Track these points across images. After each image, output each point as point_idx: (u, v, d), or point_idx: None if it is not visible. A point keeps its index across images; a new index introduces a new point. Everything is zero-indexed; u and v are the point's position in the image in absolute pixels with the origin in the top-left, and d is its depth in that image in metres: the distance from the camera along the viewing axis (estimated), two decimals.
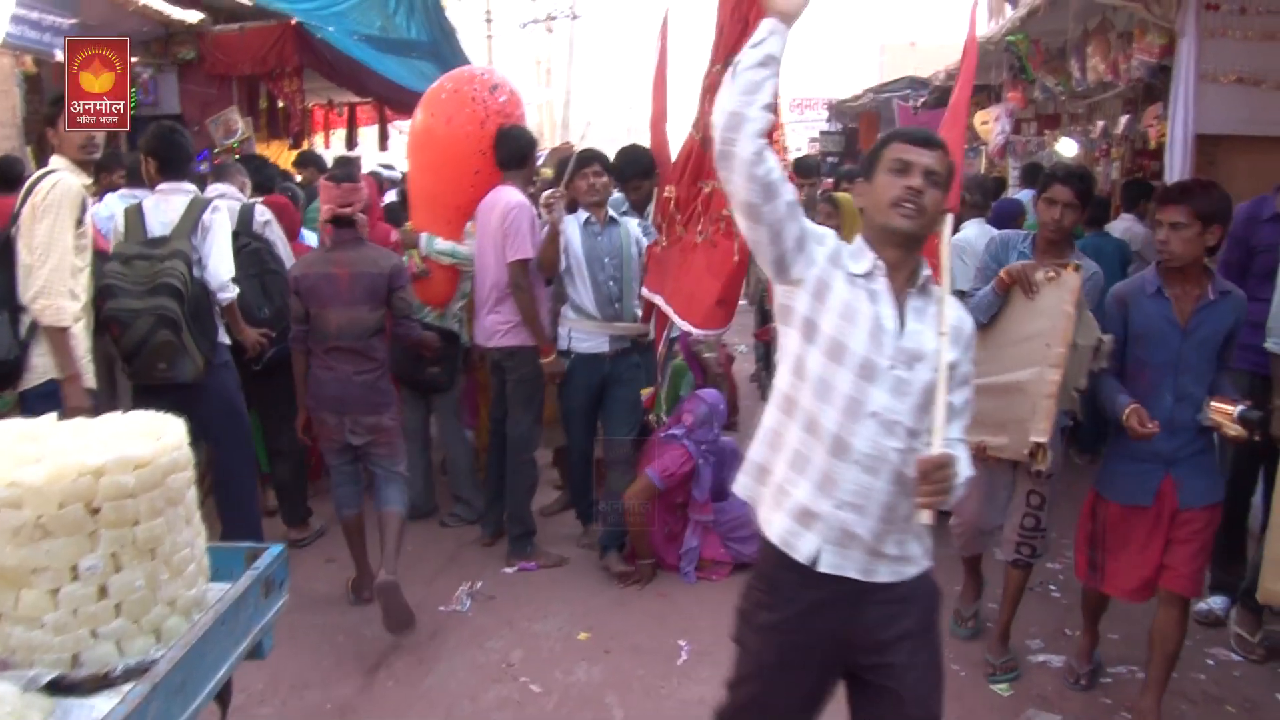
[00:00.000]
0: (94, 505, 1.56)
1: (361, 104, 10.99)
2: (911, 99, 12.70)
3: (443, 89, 4.84)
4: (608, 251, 4.41)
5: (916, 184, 1.96)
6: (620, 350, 4.45)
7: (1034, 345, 3.27)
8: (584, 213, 4.44)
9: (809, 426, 1.98)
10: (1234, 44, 5.29)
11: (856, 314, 1.95)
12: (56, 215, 3.39)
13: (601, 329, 4.40)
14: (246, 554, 2.05)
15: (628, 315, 4.47)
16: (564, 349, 4.43)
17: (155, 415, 1.83)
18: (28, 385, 3.45)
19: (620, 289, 4.43)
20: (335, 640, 3.85)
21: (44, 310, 3.35)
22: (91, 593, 1.56)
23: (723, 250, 4.02)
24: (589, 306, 4.39)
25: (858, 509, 1.96)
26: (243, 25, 8.79)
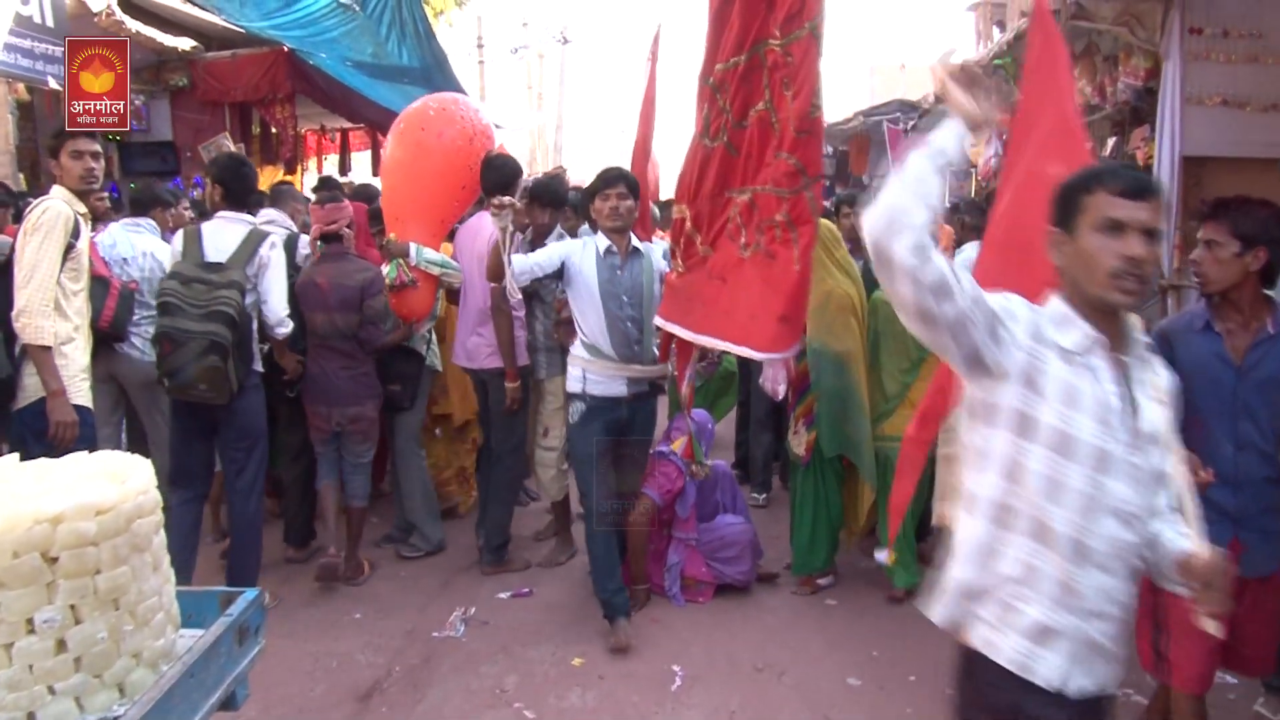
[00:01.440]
0: (51, 554, 1.52)
1: (354, 129, 11.04)
2: (902, 122, 12.74)
3: (429, 108, 4.95)
4: (627, 287, 3.98)
5: (1138, 253, 1.65)
6: (638, 394, 4.08)
7: None
8: (603, 239, 4.00)
9: (1037, 534, 1.73)
10: (1218, 67, 5.33)
11: (1080, 397, 1.70)
12: (44, 237, 3.52)
13: (618, 371, 3.99)
14: (220, 599, 2.00)
15: (647, 356, 4.07)
16: (576, 391, 4.03)
17: (122, 457, 1.79)
18: (22, 404, 3.60)
19: (640, 329, 4.00)
20: (329, 666, 3.84)
21: (24, 328, 3.47)
22: (49, 647, 1.51)
23: (781, 261, 3.53)
24: (604, 346, 3.97)
25: (1102, 616, 1.73)
26: (235, 52, 8.83)
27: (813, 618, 4.27)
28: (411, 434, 4.95)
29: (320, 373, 4.44)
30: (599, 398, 3.99)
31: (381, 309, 4.45)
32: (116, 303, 4.38)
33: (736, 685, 3.68)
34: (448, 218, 4.83)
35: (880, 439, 4.32)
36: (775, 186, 3.53)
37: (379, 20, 10.13)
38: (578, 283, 3.96)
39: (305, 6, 9.63)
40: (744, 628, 4.16)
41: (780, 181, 3.51)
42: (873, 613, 4.29)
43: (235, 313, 3.89)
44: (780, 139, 3.52)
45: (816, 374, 4.28)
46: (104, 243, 4.70)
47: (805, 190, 3.47)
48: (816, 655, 3.91)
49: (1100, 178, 1.72)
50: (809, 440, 4.33)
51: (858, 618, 4.23)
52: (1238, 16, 5.28)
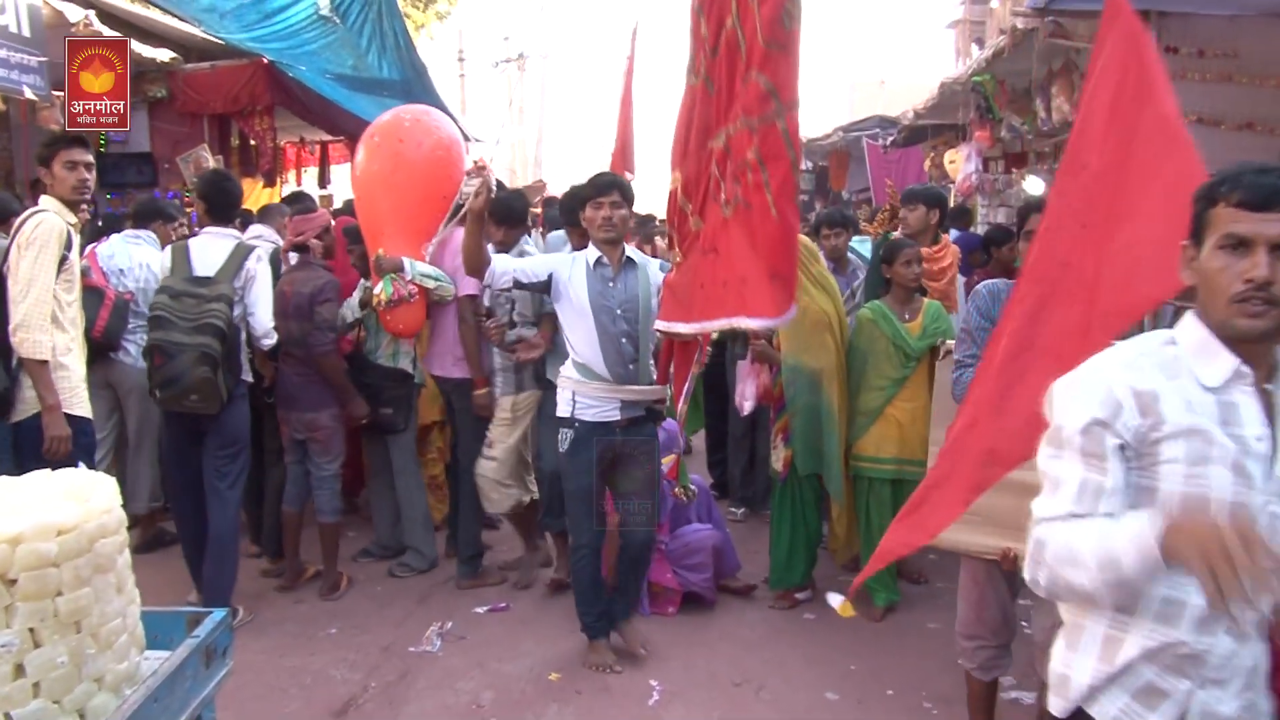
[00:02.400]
0: (9, 576, 1.48)
1: (334, 142, 11.00)
2: (881, 138, 12.83)
3: (402, 119, 4.88)
4: (621, 301, 3.69)
5: (1262, 274, 1.45)
6: (633, 419, 3.75)
7: None
8: (594, 251, 3.76)
9: (1163, 615, 1.55)
10: (1193, 86, 5.38)
11: (1210, 448, 1.49)
12: (39, 251, 3.55)
13: (611, 393, 3.68)
14: (187, 619, 1.96)
15: (644, 377, 3.75)
16: (565, 416, 3.73)
17: (85, 475, 1.76)
18: (20, 417, 3.64)
19: (636, 347, 3.71)
20: (303, 682, 3.81)
21: (22, 343, 3.50)
22: (6, 672, 1.47)
23: (758, 209, 2.97)
24: (596, 365, 3.67)
25: (1220, 684, 1.56)
26: (214, 64, 8.78)
27: (791, 632, 4.26)
28: (409, 453, 4.91)
29: (283, 378, 4.57)
30: (590, 423, 3.69)
31: (329, 317, 4.47)
32: (110, 313, 4.61)
33: (715, 700, 3.66)
34: (431, 227, 4.72)
35: (856, 458, 4.33)
36: (746, 117, 2.97)
37: (359, 33, 10.09)
38: (566, 297, 3.71)
39: (285, 19, 9.60)
40: (722, 642, 4.14)
41: (751, 108, 2.94)
42: (851, 627, 4.28)
43: (224, 325, 3.98)
44: (748, 57, 2.95)
45: (792, 391, 4.28)
46: (103, 253, 4.85)
47: (777, 119, 2.88)
48: (795, 670, 3.90)
49: (1221, 186, 1.52)
50: (786, 456, 4.33)
51: (836, 632, 4.22)
52: (1213, 37, 5.34)
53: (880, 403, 4.25)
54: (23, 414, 3.62)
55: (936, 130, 10.79)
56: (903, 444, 4.21)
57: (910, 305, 4.29)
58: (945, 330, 4.21)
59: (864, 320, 4.31)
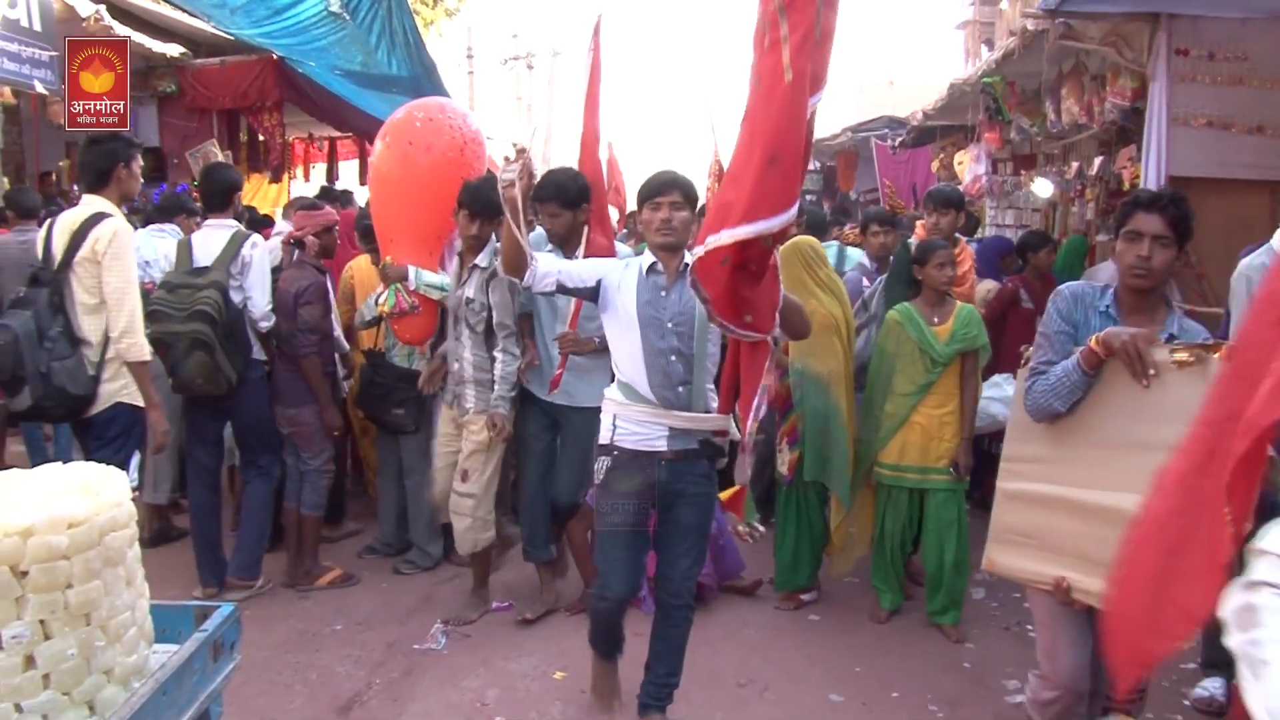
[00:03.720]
0: (21, 568, 1.49)
1: (342, 138, 11.03)
2: (889, 138, 12.81)
3: (414, 118, 4.71)
4: (674, 314, 3.14)
5: None
6: (684, 452, 3.17)
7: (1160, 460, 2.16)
8: (648, 256, 3.24)
9: None
10: (1204, 88, 5.37)
11: None
12: (126, 262, 3.77)
13: (657, 418, 3.14)
14: (195, 613, 1.97)
15: (697, 403, 3.16)
16: (605, 442, 3.22)
17: (96, 469, 1.76)
18: (93, 412, 3.80)
19: (688, 367, 3.14)
20: (308, 678, 3.81)
21: (130, 348, 3.75)
22: (17, 663, 1.48)
23: (769, 72, 2.58)
24: (639, 386, 3.15)
25: None
26: (223, 59, 8.82)
27: (795, 633, 4.25)
28: (420, 454, 4.87)
29: (275, 371, 4.58)
30: (630, 452, 3.16)
31: (310, 319, 4.45)
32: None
33: (719, 700, 3.66)
34: (444, 233, 4.61)
35: (878, 466, 4.26)
36: None
37: (369, 29, 10.13)
38: (614, 307, 3.20)
39: (295, 15, 9.63)
40: (726, 643, 4.14)
41: None
42: (855, 629, 4.28)
43: (214, 310, 4.10)
44: None
45: (800, 395, 4.26)
46: None
47: None
48: (799, 671, 3.89)
49: None
50: (792, 459, 4.32)
51: (840, 634, 4.22)
52: (1223, 39, 5.33)
53: (906, 411, 4.17)
54: (95, 409, 3.80)
55: (945, 131, 10.77)
56: (925, 452, 4.14)
57: (941, 308, 4.21)
58: (977, 336, 4.14)
59: (891, 322, 4.24)
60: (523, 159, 3.15)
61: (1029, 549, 2.62)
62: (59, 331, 3.68)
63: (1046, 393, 2.55)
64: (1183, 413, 2.10)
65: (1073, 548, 2.47)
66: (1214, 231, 4.91)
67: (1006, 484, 2.75)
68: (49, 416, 3.90)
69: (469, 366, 4.16)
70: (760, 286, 2.75)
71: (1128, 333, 2.43)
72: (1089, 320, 2.62)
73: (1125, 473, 2.36)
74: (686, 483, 3.18)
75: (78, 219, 3.77)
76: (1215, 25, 5.30)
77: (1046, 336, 2.69)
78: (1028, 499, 2.66)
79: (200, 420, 4.49)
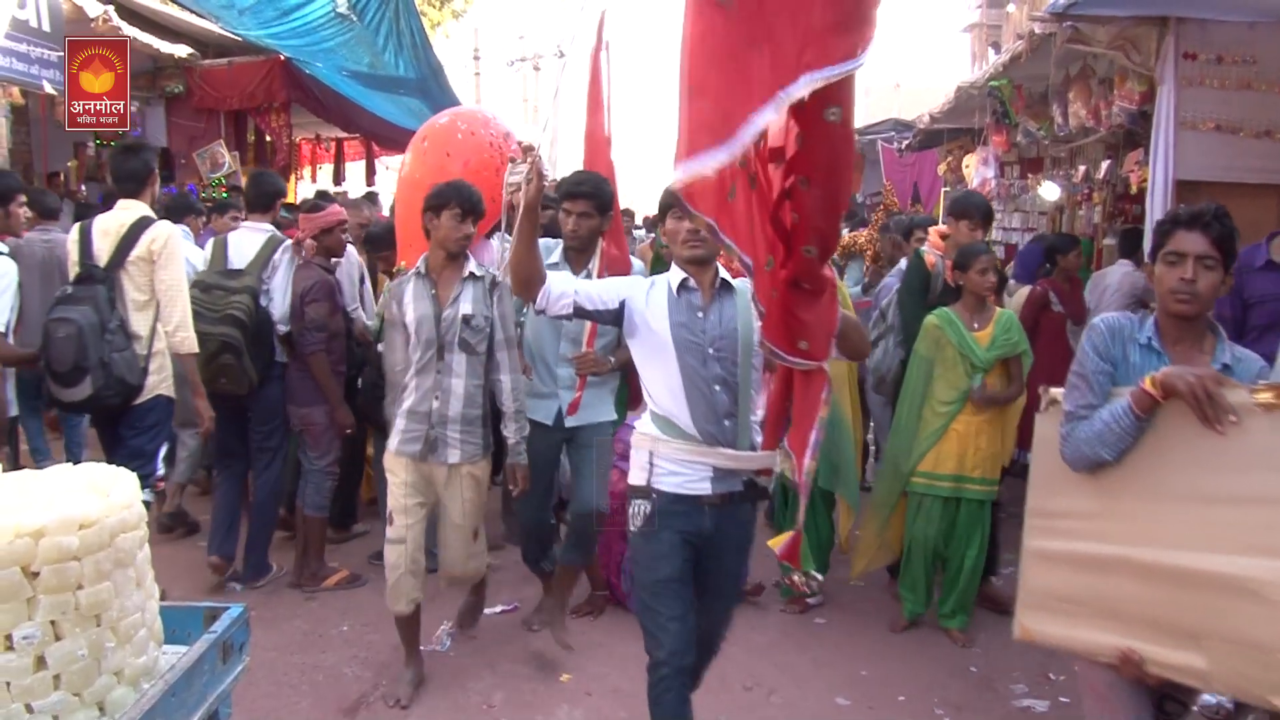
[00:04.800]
0: (32, 569, 1.50)
1: (349, 139, 11.05)
2: (896, 141, 12.80)
3: (457, 129, 4.65)
4: (714, 337, 2.74)
5: None
6: (729, 495, 2.77)
7: (1263, 516, 2.04)
8: (677, 272, 2.83)
9: None
10: (1211, 92, 5.35)
11: None
12: (179, 261, 4.13)
13: (701, 456, 2.73)
14: (205, 614, 1.97)
15: (743, 439, 2.75)
16: (639, 484, 2.80)
17: (106, 469, 1.77)
18: (137, 402, 4.05)
19: (734, 396, 2.74)
20: (314, 679, 3.81)
21: (183, 341, 4.09)
22: (28, 664, 1.48)
23: None
24: (680, 420, 2.74)
25: None
26: (231, 60, 8.85)
27: (801, 637, 4.25)
28: None
29: (287, 371, 4.64)
30: (671, 496, 2.75)
31: (317, 317, 4.47)
32: None
33: (725, 704, 3.65)
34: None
35: (920, 475, 4.19)
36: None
37: (376, 31, 10.15)
38: (643, 331, 2.80)
39: (303, 16, 9.66)
40: (732, 646, 4.11)
41: None
42: (861, 632, 4.28)
43: (245, 315, 4.33)
44: None
45: None
46: None
47: None
48: (805, 674, 3.89)
49: None
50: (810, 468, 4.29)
51: (846, 637, 4.21)
52: (1231, 43, 5.31)
53: (945, 421, 4.13)
54: (141, 398, 4.06)
55: (952, 134, 10.76)
56: (962, 460, 4.10)
57: (981, 314, 4.17)
58: (1018, 341, 4.11)
59: (930, 327, 4.20)
60: (532, 159, 2.63)
61: (1080, 617, 2.32)
62: (117, 325, 3.93)
63: (1092, 441, 2.29)
64: (1275, 460, 2.02)
65: (1140, 614, 2.19)
66: None
67: (1038, 542, 2.46)
68: (104, 406, 4.02)
69: (457, 401, 3.55)
70: (817, 307, 2.39)
71: (1192, 373, 2.16)
72: (1128, 355, 2.39)
73: (1200, 528, 2.12)
74: (731, 531, 2.81)
75: (124, 222, 4.04)
76: (1223, 29, 5.28)
77: (1083, 377, 2.42)
78: (1070, 560, 2.36)
79: (220, 412, 4.59)
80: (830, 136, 2.07)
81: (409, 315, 3.56)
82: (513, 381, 3.62)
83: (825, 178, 2.14)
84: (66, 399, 3.96)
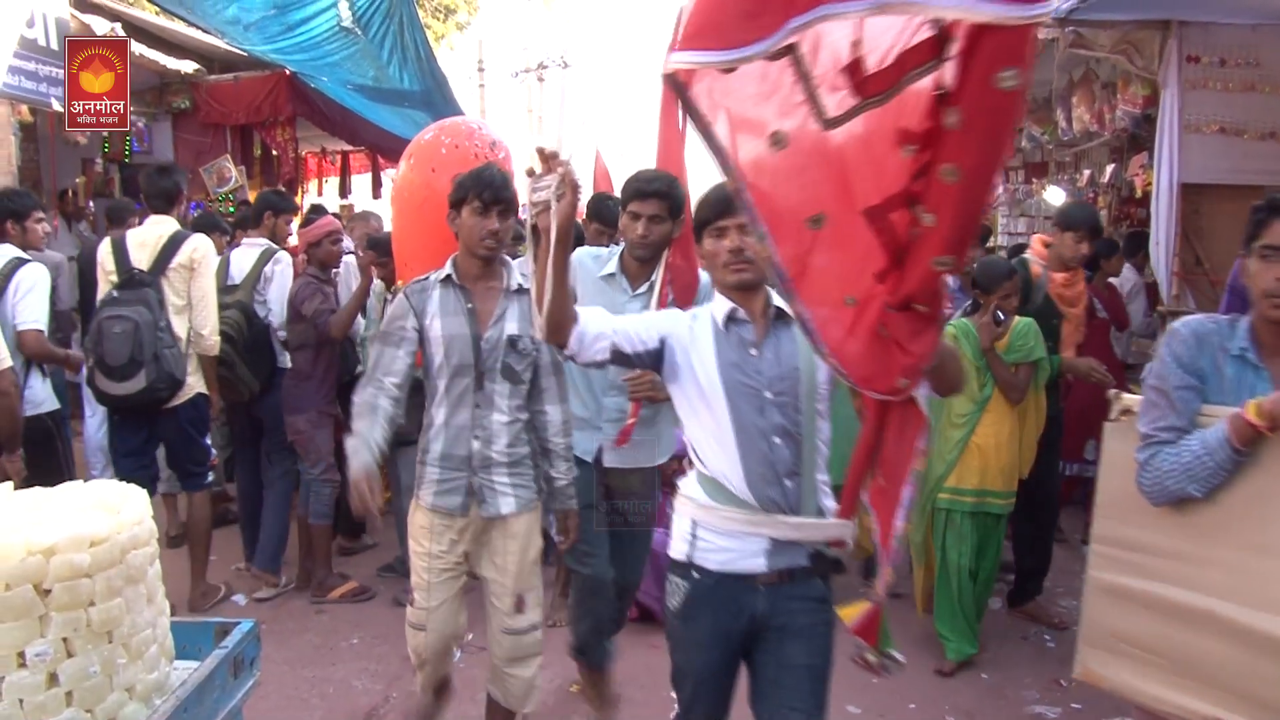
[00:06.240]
0: (44, 586, 1.51)
1: (354, 152, 11.09)
2: None
3: (440, 143, 4.60)
4: (773, 378, 2.25)
5: None
6: (790, 570, 2.29)
7: None
8: (722, 301, 2.33)
9: None
10: (1215, 95, 5.36)
11: None
12: (212, 271, 4.51)
13: (755, 526, 2.23)
14: (215, 630, 1.98)
15: (808, 502, 2.25)
16: (680, 558, 2.34)
17: (117, 487, 1.78)
18: (178, 401, 4.34)
19: (797, 451, 2.24)
20: (325, 692, 3.82)
21: (213, 345, 4.46)
22: (40, 681, 1.49)
23: None
24: (732, 482, 2.24)
25: None
26: (237, 75, 8.90)
27: None
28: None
29: (284, 380, 4.79)
30: (716, 575, 2.27)
31: (317, 306, 4.58)
32: None
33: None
34: None
35: (946, 490, 4.11)
36: None
37: (381, 44, 10.20)
38: (686, 374, 2.31)
39: (308, 30, 9.71)
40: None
41: None
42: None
43: (233, 330, 4.63)
44: None
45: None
46: None
47: None
48: None
49: None
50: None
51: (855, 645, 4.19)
52: (1234, 45, 5.32)
53: (964, 433, 4.09)
54: (182, 398, 4.36)
55: None
56: (984, 473, 4.05)
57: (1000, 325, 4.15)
58: (1034, 348, 4.06)
59: (947, 336, 4.17)
60: (563, 169, 1.96)
61: (1154, 668, 2.07)
62: (165, 324, 4.23)
63: (1178, 474, 2.02)
64: None
65: (1230, 682, 1.90)
66: (1227, 238, 4.90)
67: (1106, 575, 2.21)
68: (154, 400, 4.23)
69: (502, 439, 2.91)
70: (927, 336, 1.93)
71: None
72: (1220, 367, 2.07)
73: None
74: (795, 612, 2.30)
75: (161, 235, 4.37)
76: (1226, 32, 5.30)
77: (1163, 393, 2.12)
78: (1145, 602, 2.11)
79: (233, 421, 4.94)
80: (999, 110, 1.61)
81: (434, 332, 2.89)
82: (562, 414, 2.98)
83: (983, 164, 1.69)
84: (118, 393, 4.15)
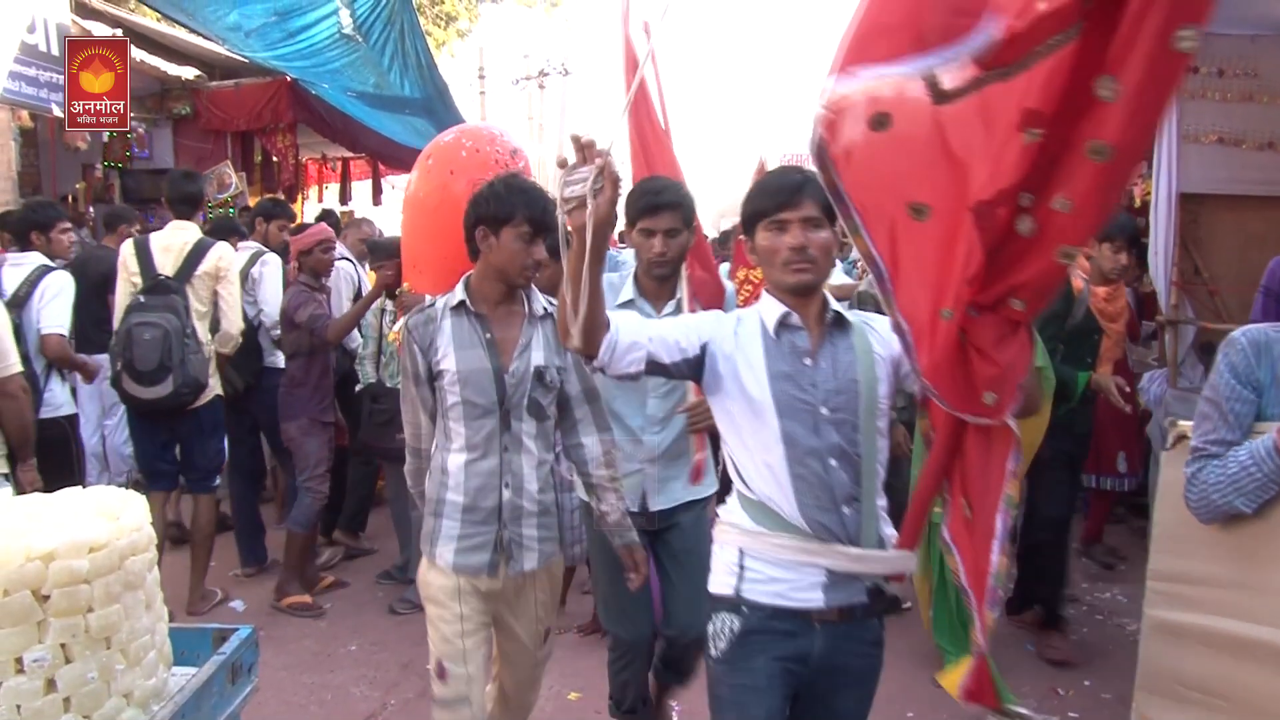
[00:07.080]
0: (43, 592, 1.51)
1: (355, 159, 11.12)
2: None
3: (461, 146, 4.53)
4: (829, 392, 2.01)
5: None
6: (850, 608, 2.04)
7: None
8: (773, 305, 2.08)
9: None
10: (1213, 105, 5.37)
11: None
12: (236, 277, 4.74)
13: (810, 556, 1.99)
14: (214, 636, 1.99)
15: (869, 531, 2.01)
16: (725, 594, 2.07)
17: (116, 493, 1.78)
18: (199, 403, 4.51)
19: (856, 474, 2.00)
20: (323, 699, 3.82)
21: (234, 348, 4.74)
22: (38, 687, 1.50)
23: None
24: (783, 507, 2.00)
25: None
26: (238, 81, 8.92)
27: None
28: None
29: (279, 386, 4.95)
30: (768, 609, 2.02)
31: (312, 311, 4.69)
32: None
33: None
34: (463, 269, 4.53)
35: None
36: None
37: (382, 51, 10.22)
38: (730, 385, 2.04)
39: (309, 37, 9.73)
40: None
41: None
42: None
43: None
44: None
45: None
46: None
47: None
48: None
49: None
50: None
51: None
52: (1233, 56, 5.34)
53: None
54: (203, 400, 4.52)
55: None
56: None
57: None
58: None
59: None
60: (602, 160, 1.70)
61: (1220, 714, 1.93)
62: (191, 330, 4.38)
63: (1224, 487, 1.91)
64: None
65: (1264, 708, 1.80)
66: (1226, 248, 4.91)
67: (1162, 613, 2.09)
68: (179, 404, 4.38)
69: (533, 485, 2.56)
70: (1016, 344, 1.76)
71: None
72: (1279, 377, 1.96)
73: None
74: (851, 655, 2.08)
75: (186, 241, 4.55)
76: (1224, 42, 5.31)
77: (1216, 405, 2.00)
78: (1204, 640, 1.99)
79: (231, 423, 5.02)
80: (1168, 77, 1.44)
81: (448, 365, 2.52)
82: (602, 444, 2.64)
83: (1138, 140, 1.52)
84: (146, 397, 4.30)
